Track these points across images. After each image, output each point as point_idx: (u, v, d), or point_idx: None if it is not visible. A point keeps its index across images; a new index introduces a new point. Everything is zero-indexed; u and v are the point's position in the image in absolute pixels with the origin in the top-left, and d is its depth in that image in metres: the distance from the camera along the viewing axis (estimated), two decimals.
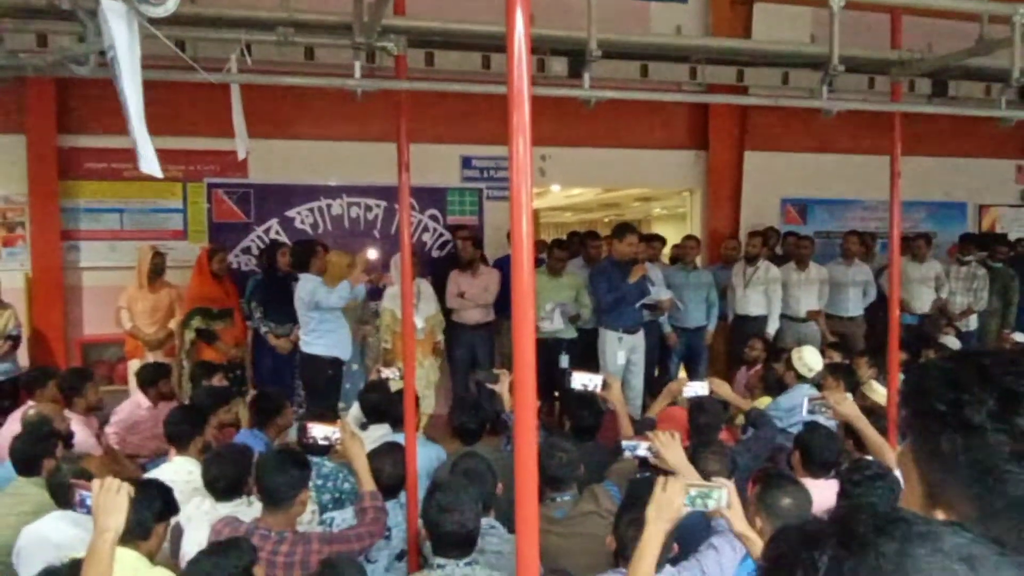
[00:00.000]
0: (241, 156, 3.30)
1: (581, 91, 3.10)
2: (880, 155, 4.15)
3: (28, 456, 3.44)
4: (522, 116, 1.56)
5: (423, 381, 5.77)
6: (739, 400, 4.64)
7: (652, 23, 7.32)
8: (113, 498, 2.37)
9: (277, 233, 6.80)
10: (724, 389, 4.47)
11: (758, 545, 2.41)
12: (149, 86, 3.49)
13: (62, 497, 2.96)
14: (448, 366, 6.64)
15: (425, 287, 6.06)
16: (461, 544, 2.70)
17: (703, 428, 3.98)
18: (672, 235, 8.33)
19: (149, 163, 1.63)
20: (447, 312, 6.48)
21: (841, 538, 0.65)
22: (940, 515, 0.83)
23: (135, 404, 5.06)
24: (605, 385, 4.05)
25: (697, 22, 7.55)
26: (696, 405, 4.15)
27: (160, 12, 1.66)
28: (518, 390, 1.67)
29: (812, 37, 6.64)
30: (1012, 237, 8.35)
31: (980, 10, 3.76)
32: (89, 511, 2.41)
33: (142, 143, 1.60)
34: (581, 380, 4.04)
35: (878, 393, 4.54)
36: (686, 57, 6.91)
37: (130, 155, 1.67)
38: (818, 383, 4.79)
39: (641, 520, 2.32)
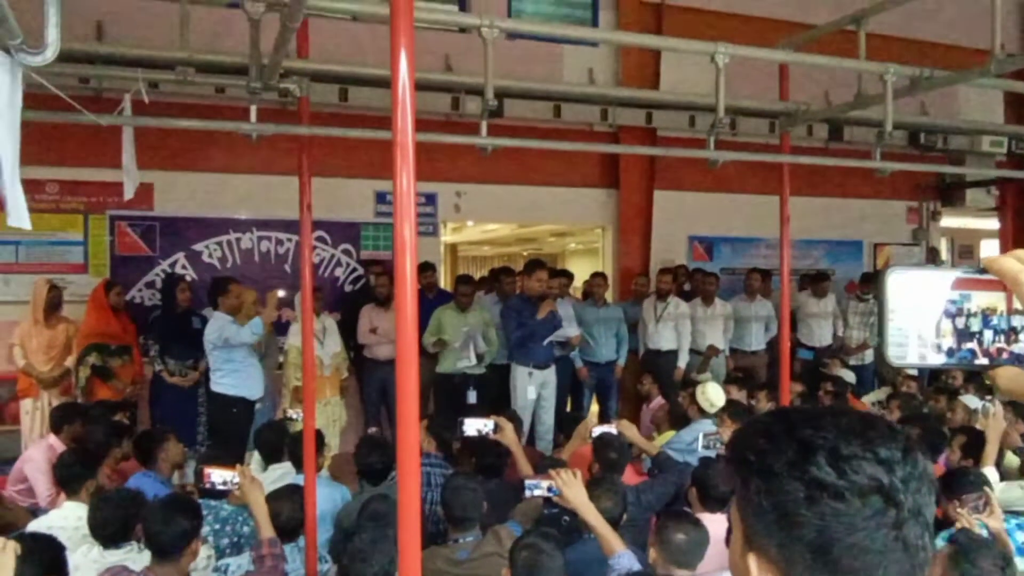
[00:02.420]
0: (128, 196, 3.25)
1: (477, 139, 3.16)
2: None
3: None
4: (406, 159, 1.62)
5: (328, 420, 5.69)
6: (645, 443, 4.71)
7: (565, 65, 7.52)
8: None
9: (184, 267, 6.65)
10: (631, 432, 4.53)
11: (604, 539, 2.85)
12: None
13: None
14: (359, 403, 6.58)
15: (329, 323, 5.99)
16: None
17: (611, 463, 4.04)
18: (587, 269, 8.48)
19: (19, 217, 1.59)
20: (359, 347, 6.43)
21: None
22: (753, 558, 0.90)
23: (48, 448, 4.57)
24: (497, 428, 4.08)
25: (609, 65, 7.79)
26: (603, 441, 4.20)
27: (38, 61, 1.66)
28: (401, 428, 1.66)
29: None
30: None
31: (857, 68, 4.02)
32: None
33: (12, 196, 1.57)
34: (474, 426, 4.05)
35: None
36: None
37: (28, 186, 1.63)
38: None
39: (531, 544, 2.65)
